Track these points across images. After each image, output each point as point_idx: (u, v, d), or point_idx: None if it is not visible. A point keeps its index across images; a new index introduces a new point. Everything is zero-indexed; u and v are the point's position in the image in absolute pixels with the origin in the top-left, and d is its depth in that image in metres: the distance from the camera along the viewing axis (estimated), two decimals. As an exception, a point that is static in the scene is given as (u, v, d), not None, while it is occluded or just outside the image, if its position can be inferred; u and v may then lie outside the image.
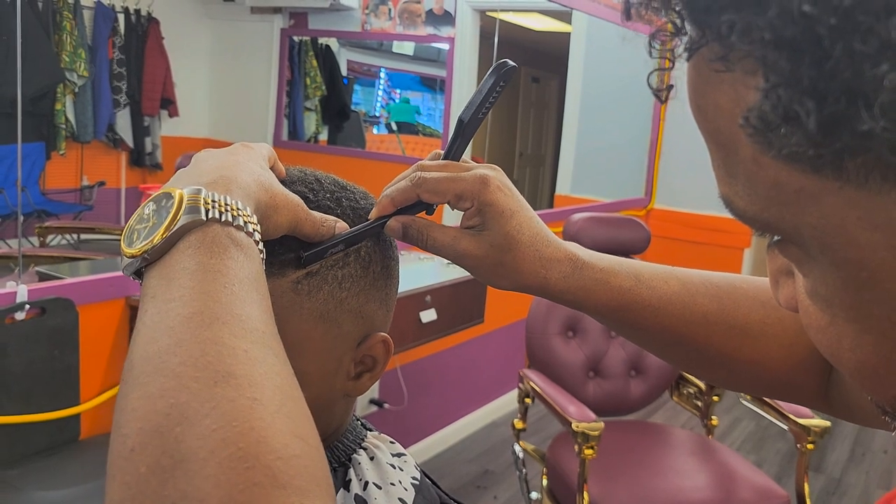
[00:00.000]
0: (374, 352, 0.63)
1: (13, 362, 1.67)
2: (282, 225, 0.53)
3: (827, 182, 0.29)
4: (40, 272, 2.34)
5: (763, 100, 0.29)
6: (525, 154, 7.61)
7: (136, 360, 0.39)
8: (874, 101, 0.26)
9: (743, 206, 0.34)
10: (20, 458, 1.68)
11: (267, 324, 0.43)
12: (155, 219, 0.45)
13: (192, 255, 0.44)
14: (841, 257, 0.32)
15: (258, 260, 0.47)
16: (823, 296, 0.35)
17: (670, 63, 0.34)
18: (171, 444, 0.35)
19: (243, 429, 0.35)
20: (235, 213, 0.46)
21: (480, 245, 0.61)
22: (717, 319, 0.64)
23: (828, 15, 0.26)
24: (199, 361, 0.38)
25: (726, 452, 2.41)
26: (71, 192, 4.72)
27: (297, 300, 0.57)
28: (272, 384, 0.39)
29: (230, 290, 0.42)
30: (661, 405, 3.85)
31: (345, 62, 5.33)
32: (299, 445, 0.37)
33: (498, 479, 3.18)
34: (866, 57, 0.26)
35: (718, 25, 0.29)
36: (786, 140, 0.29)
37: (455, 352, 3.33)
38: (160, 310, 0.41)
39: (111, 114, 4.80)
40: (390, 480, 0.60)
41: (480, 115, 0.62)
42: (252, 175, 0.51)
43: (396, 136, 5.42)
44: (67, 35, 4.43)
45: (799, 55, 0.27)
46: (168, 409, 0.36)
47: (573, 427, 2.03)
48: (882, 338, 0.33)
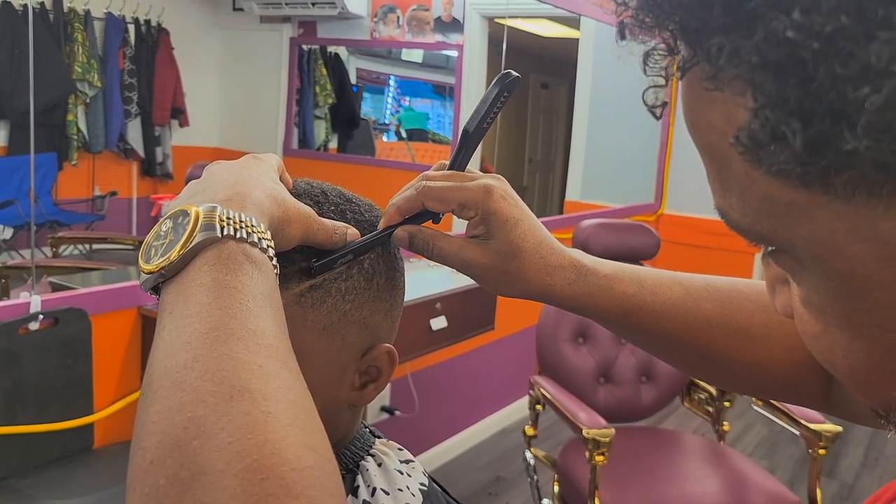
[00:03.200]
0: (378, 363, 0.63)
1: (27, 372, 1.69)
2: (294, 237, 0.54)
3: (816, 196, 0.31)
4: (53, 282, 2.36)
5: (752, 119, 0.30)
6: (534, 160, 7.61)
7: (154, 374, 0.41)
8: (857, 121, 0.27)
9: (737, 217, 0.35)
10: (34, 467, 1.69)
11: (280, 339, 0.44)
12: (172, 236, 0.47)
13: (209, 272, 0.45)
14: (831, 268, 0.33)
15: (272, 275, 0.48)
16: (816, 304, 0.36)
17: (665, 81, 0.35)
18: (189, 456, 0.36)
19: (258, 441, 0.36)
20: (250, 229, 0.47)
21: (485, 253, 0.62)
22: (719, 323, 0.65)
23: (811, 40, 0.27)
24: (215, 376, 0.39)
25: (738, 458, 2.40)
26: (83, 203, 4.75)
27: (300, 312, 0.57)
28: (285, 398, 0.40)
29: (245, 305, 0.43)
30: (673, 411, 3.84)
31: (354, 70, 5.35)
32: (312, 457, 0.38)
33: (509, 486, 3.18)
34: (848, 80, 0.27)
35: (708, 47, 0.31)
36: (775, 158, 0.30)
37: (465, 359, 3.33)
38: (177, 325, 0.42)
39: (122, 124, 4.83)
40: (398, 486, 0.61)
41: (485, 125, 0.63)
42: (265, 191, 0.52)
43: (406, 143, 5.44)
44: (79, 46, 4.47)
45: (785, 77, 0.28)
46: (186, 423, 0.37)
47: (584, 433, 2.02)
48: (873, 344, 0.35)
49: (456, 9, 4.39)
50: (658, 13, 0.32)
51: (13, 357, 1.66)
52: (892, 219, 0.30)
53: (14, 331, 1.66)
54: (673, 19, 0.32)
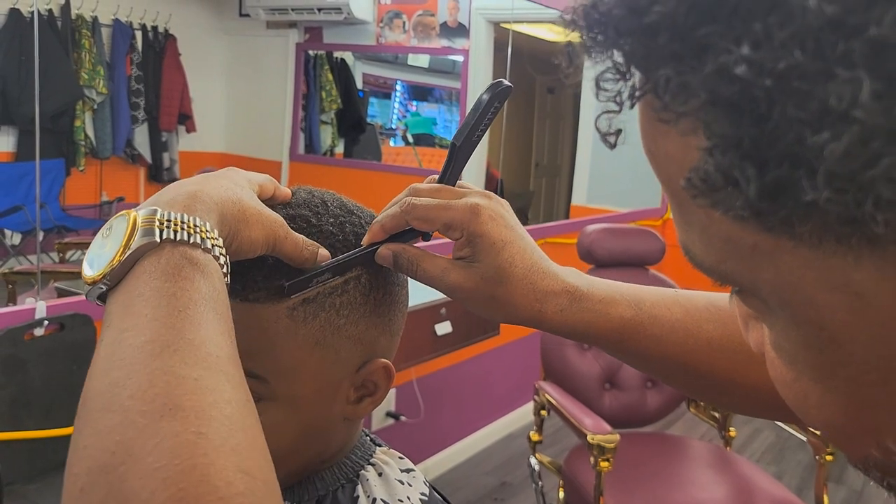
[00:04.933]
0: (374, 378, 0.62)
1: (33, 378, 1.69)
2: (256, 240, 0.51)
3: (781, 240, 0.28)
4: (59, 288, 2.36)
5: (705, 159, 0.27)
6: (541, 165, 7.60)
7: (88, 394, 0.39)
8: (817, 168, 0.24)
9: (700, 255, 0.32)
10: (39, 472, 1.69)
11: (222, 346, 0.42)
12: (111, 243, 0.44)
13: (147, 281, 0.43)
14: (800, 316, 0.30)
15: (217, 278, 0.45)
16: (787, 351, 0.33)
17: (618, 108, 0.32)
18: (116, 483, 0.34)
19: (185, 467, 0.35)
20: (191, 230, 0.45)
21: (470, 277, 0.58)
22: (721, 346, 0.61)
23: (762, 77, 0.24)
24: (146, 394, 0.37)
25: (745, 464, 2.39)
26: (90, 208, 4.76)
27: (292, 326, 0.56)
28: (221, 414, 0.38)
29: (184, 314, 0.41)
30: (679, 417, 3.82)
31: (360, 75, 5.36)
32: (243, 482, 0.36)
33: (514, 492, 3.17)
34: (806, 123, 0.24)
35: (656, 78, 0.28)
36: (730, 203, 0.27)
37: (470, 364, 3.33)
38: (114, 339, 0.40)
39: (129, 130, 4.86)
40: (398, 496, 0.60)
41: (475, 138, 0.60)
42: (220, 190, 0.50)
43: (413, 148, 5.44)
44: (86, 52, 4.49)
45: (738, 116, 0.25)
46: (114, 447, 0.35)
47: (589, 439, 2.02)
48: (848, 399, 0.31)
49: (462, 14, 4.39)
50: (609, 34, 0.29)
51: (19, 363, 1.66)
52: (865, 269, 0.27)
53: (20, 336, 1.66)
54: (623, 43, 0.29)
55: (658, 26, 0.26)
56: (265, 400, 0.56)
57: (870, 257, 0.26)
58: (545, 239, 3.53)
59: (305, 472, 0.62)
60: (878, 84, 0.22)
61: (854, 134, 0.23)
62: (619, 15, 0.28)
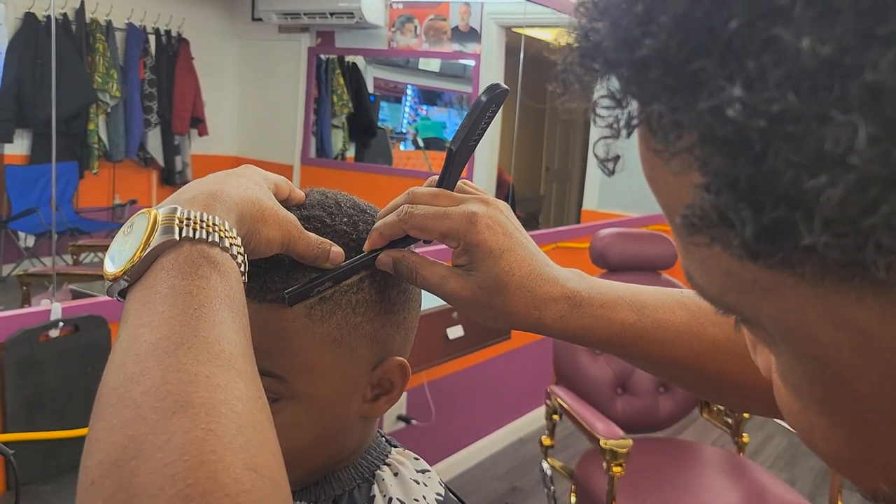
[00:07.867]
0: (390, 375, 0.62)
1: (48, 379, 1.70)
2: (273, 240, 0.52)
3: (782, 276, 0.27)
4: (74, 290, 2.38)
5: (702, 195, 0.26)
6: (552, 169, 7.60)
7: (103, 389, 0.39)
8: (815, 213, 0.23)
9: (703, 284, 0.31)
10: (54, 473, 1.70)
11: (237, 344, 0.42)
12: (132, 240, 0.45)
13: (165, 278, 0.43)
14: (804, 352, 0.29)
15: (234, 276, 0.45)
16: (793, 383, 0.32)
17: (616, 134, 0.30)
18: (126, 478, 0.35)
19: (193, 463, 0.35)
20: (210, 229, 0.45)
21: (468, 286, 0.57)
22: (727, 348, 0.60)
23: (756, 119, 0.23)
24: (159, 390, 0.37)
25: (758, 470, 2.37)
26: (103, 211, 4.80)
27: (309, 325, 0.56)
28: (231, 411, 0.38)
29: (199, 312, 0.41)
30: (691, 422, 3.81)
31: (371, 80, 5.39)
32: (251, 479, 0.36)
33: (526, 496, 3.17)
34: (802, 167, 0.23)
35: (649, 113, 0.27)
36: (727, 241, 0.26)
37: (482, 368, 3.32)
38: (130, 336, 0.41)
39: (142, 133, 4.89)
40: (414, 496, 0.60)
41: (472, 142, 0.58)
42: (239, 189, 0.50)
43: (423, 152, 5.45)
44: (100, 56, 4.53)
45: (733, 154, 0.24)
46: (126, 442, 0.36)
47: (601, 444, 2.01)
48: (855, 434, 0.31)
49: (473, 18, 4.40)
50: (604, 63, 0.28)
51: (34, 364, 1.67)
52: (869, 308, 0.26)
53: (35, 338, 1.67)
54: (620, 71, 0.28)
55: (649, 60, 0.26)
56: (283, 399, 0.57)
57: (873, 297, 0.25)
58: (557, 243, 3.52)
59: (322, 471, 0.62)
60: (875, 128, 0.21)
61: (851, 180, 0.22)
62: (610, 47, 0.28)
